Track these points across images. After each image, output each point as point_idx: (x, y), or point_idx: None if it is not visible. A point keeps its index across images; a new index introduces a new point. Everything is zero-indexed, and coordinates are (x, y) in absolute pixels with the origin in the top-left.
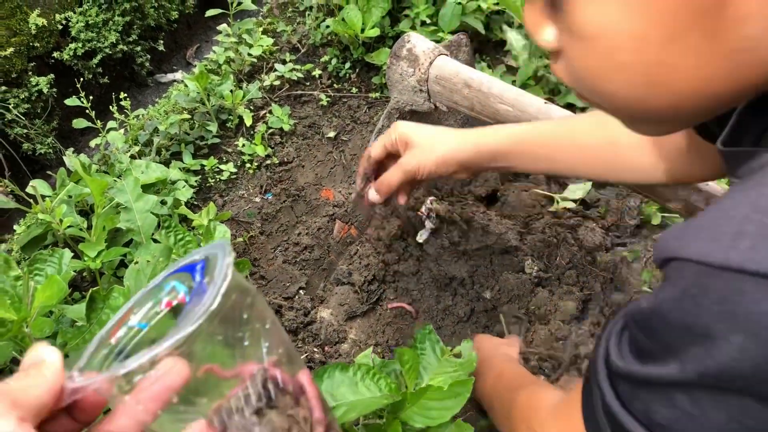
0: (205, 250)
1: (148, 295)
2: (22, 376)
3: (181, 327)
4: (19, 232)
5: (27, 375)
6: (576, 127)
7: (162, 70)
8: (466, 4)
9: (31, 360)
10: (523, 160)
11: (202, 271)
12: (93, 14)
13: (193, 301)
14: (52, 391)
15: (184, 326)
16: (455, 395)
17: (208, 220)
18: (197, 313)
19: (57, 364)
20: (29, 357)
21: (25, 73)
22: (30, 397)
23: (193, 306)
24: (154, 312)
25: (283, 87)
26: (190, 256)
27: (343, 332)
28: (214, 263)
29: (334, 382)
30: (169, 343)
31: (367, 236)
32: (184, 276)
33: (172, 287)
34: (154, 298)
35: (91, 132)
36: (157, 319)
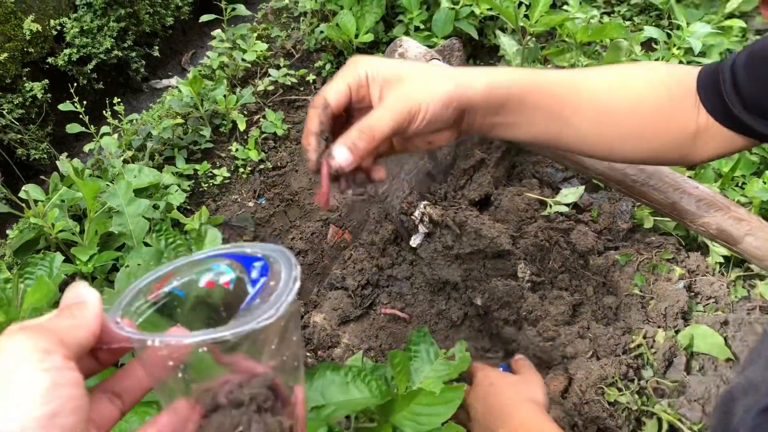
0: (261, 248)
1: (190, 265)
2: (66, 314)
3: (246, 319)
4: (11, 236)
5: (72, 315)
6: (598, 84)
7: (157, 76)
8: (460, 9)
9: (72, 299)
10: (533, 117)
11: (263, 270)
12: (88, 20)
13: (239, 289)
14: (93, 334)
15: (250, 320)
16: (446, 401)
17: (199, 223)
18: (268, 312)
19: (97, 307)
20: (70, 295)
21: (20, 79)
22: (75, 338)
23: (238, 296)
24: (194, 285)
25: (277, 92)
26: (239, 246)
27: (336, 337)
28: (276, 268)
29: (325, 381)
30: (237, 330)
31: (361, 241)
32: (232, 263)
33: (221, 270)
34: (196, 271)
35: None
36: (193, 291)
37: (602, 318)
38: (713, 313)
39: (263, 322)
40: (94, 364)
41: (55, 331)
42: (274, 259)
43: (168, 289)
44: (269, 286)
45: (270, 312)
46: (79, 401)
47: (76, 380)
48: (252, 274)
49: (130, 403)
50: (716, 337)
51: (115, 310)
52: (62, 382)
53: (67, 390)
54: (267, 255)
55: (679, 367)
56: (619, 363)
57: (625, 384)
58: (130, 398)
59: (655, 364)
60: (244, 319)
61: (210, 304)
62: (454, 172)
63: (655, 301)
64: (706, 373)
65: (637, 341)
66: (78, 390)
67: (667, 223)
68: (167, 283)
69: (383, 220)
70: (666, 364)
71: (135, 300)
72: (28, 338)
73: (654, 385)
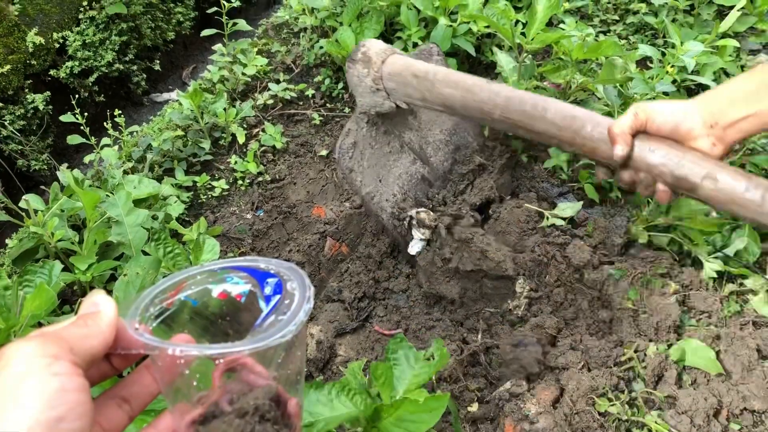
0: (276, 265)
1: (204, 275)
2: (80, 323)
3: (262, 336)
4: (11, 245)
5: (85, 324)
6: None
7: (158, 90)
8: (458, 26)
9: (88, 308)
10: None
11: (277, 287)
12: (90, 33)
13: (250, 303)
14: (105, 343)
15: (265, 337)
16: (430, 409)
17: (198, 234)
18: (283, 330)
19: (112, 316)
20: (87, 304)
21: (22, 91)
22: (85, 346)
23: (251, 309)
24: (207, 294)
25: (277, 106)
26: (253, 260)
27: (333, 348)
28: (290, 287)
29: (309, 400)
30: (254, 346)
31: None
32: (246, 277)
33: (235, 282)
34: (210, 281)
35: (85, 149)
36: (205, 301)
37: (596, 332)
38: (706, 328)
39: (278, 340)
40: (109, 368)
41: (66, 339)
42: (288, 277)
43: (182, 296)
44: (283, 304)
45: (284, 331)
46: (84, 406)
47: (82, 386)
48: (265, 289)
49: (138, 408)
50: (708, 351)
51: (132, 314)
52: (69, 387)
53: (74, 395)
54: (281, 272)
55: (669, 381)
56: (610, 374)
57: (616, 395)
58: (138, 403)
59: (645, 376)
60: (260, 336)
61: (220, 315)
62: (452, 177)
63: (648, 315)
64: (698, 387)
65: (628, 354)
66: (84, 395)
67: (662, 238)
68: (181, 291)
69: (380, 233)
70: (657, 377)
71: (150, 305)
72: (39, 344)
73: (645, 396)
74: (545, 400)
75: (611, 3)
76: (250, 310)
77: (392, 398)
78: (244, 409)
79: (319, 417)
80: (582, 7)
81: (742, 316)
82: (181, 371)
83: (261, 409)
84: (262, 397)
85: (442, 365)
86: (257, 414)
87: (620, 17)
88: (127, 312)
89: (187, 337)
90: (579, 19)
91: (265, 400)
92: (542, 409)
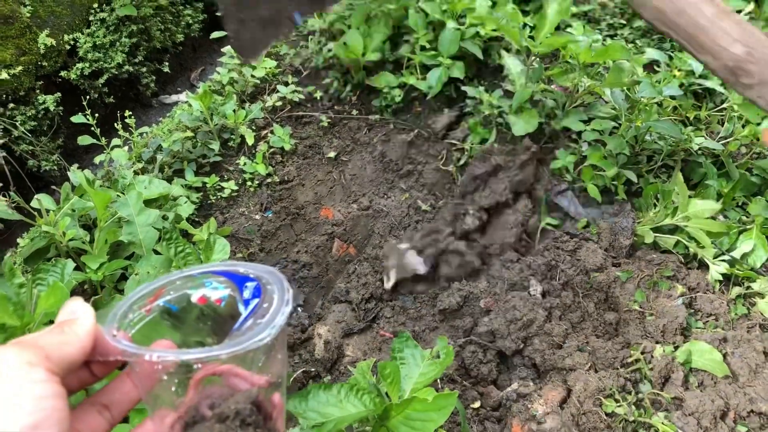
0: (254, 269)
1: (183, 280)
2: (57, 331)
3: (240, 340)
4: (22, 245)
5: (62, 331)
6: None
7: (166, 92)
8: (465, 29)
9: (66, 315)
10: None
11: (256, 291)
12: (100, 35)
13: (230, 307)
14: (82, 350)
15: (243, 340)
16: (439, 408)
17: (208, 234)
18: (261, 334)
19: (89, 324)
20: (64, 312)
21: (33, 92)
22: (62, 353)
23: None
24: (186, 300)
25: (285, 108)
26: (232, 264)
27: (340, 349)
28: (270, 290)
29: (319, 401)
30: (232, 350)
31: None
32: (225, 281)
33: (214, 287)
34: (189, 286)
35: (95, 150)
36: (185, 306)
37: (603, 333)
38: (712, 330)
39: (256, 344)
40: (89, 375)
41: (42, 347)
42: (266, 280)
43: (161, 302)
44: (262, 307)
45: (263, 334)
46: (60, 413)
47: (58, 393)
48: (244, 293)
49: (118, 415)
50: (715, 353)
51: (111, 321)
52: (45, 394)
53: (50, 402)
54: (260, 276)
55: (676, 382)
56: (617, 376)
57: (623, 396)
58: (119, 410)
59: (652, 378)
60: (238, 339)
61: (200, 319)
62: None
63: (654, 317)
64: (705, 389)
65: (635, 356)
66: (60, 402)
67: (668, 240)
68: (161, 297)
69: (387, 235)
70: (664, 378)
71: (129, 311)
72: (15, 352)
73: (652, 397)
74: (552, 400)
75: (618, 7)
76: (230, 314)
77: (400, 397)
78: (224, 413)
79: (329, 417)
80: (589, 11)
81: (749, 318)
82: (160, 377)
83: (242, 414)
84: (243, 401)
85: (448, 363)
86: (238, 418)
87: (627, 21)
88: (106, 319)
89: (168, 342)
90: (586, 23)
91: (246, 404)
92: (549, 410)
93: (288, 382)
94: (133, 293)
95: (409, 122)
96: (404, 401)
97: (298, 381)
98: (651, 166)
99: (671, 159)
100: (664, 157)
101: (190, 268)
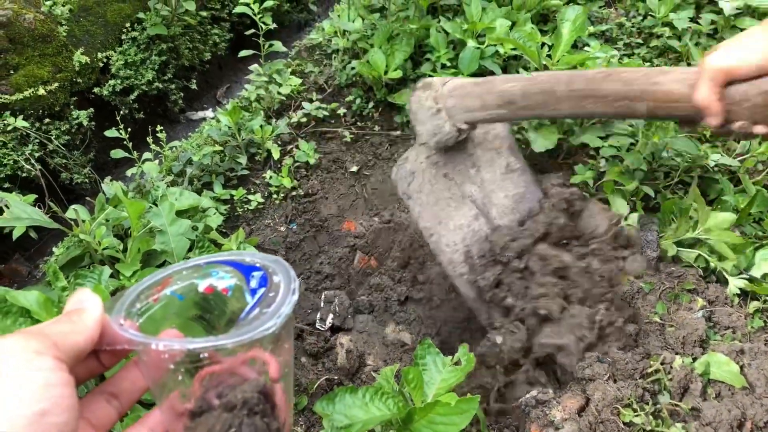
0: (261, 258)
1: (190, 270)
2: (64, 319)
3: (247, 329)
4: (57, 253)
5: (70, 320)
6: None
7: (193, 108)
8: (485, 48)
9: (73, 305)
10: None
11: (262, 280)
12: (132, 53)
13: (236, 296)
14: (90, 339)
15: (250, 329)
16: (461, 412)
17: (237, 243)
18: (267, 323)
19: (97, 313)
20: (72, 302)
21: (68, 107)
22: (69, 342)
23: (238, 303)
24: (193, 289)
25: (310, 124)
26: (239, 254)
27: (362, 358)
28: (276, 279)
29: (345, 404)
30: (238, 339)
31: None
32: (232, 271)
33: (220, 276)
34: (196, 276)
35: (124, 164)
36: (192, 295)
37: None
38: (730, 342)
39: (263, 333)
40: (97, 365)
41: (49, 335)
42: (273, 270)
43: (168, 291)
44: (268, 296)
45: (269, 323)
46: (68, 401)
47: (66, 381)
48: (251, 283)
49: (127, 404)
50: (732, 365)
51: (118, 311)
52: (52, 382)
53: (58, 390)
54: (266, 265)
55: (695, 393)
56: (635, 386)
57: (641, 406)
58: (128, 399)
59: (671, 389)
60: (245, 328)
61: (207, 309)
62: None
63: (675, 329)
64: (722, 399)
65: (654, 366)
66: (68, 390)
67: (690, 254)
68: (168, 286)
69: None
70: (682, 389)
71: (136, 301)
72: (22, 340)
73: (670, 408)
74: (571, 407)
75: (635, 27)
76: (237, 303)
77: (423, 401)
78: (231, 402)
79: (355, 420)
80: (606, 30)
81: (766, 332)
82: (167, 366)
83: (249, 403)
84: (250, 390)
85: (469, 369)
86: (245, 407)
87: (644, 41)
88: (113, 308)
89: (175, 332)
90: (603, 42)
91: (253, 393)
92: (567, 416)
93: (312, 389)
94: (140, 283)
95: None
96: (427, 405)
97: (321, 388)
98: (668, 182)
99: (688, 175)
100: (681, 174)
101: (197, 258)
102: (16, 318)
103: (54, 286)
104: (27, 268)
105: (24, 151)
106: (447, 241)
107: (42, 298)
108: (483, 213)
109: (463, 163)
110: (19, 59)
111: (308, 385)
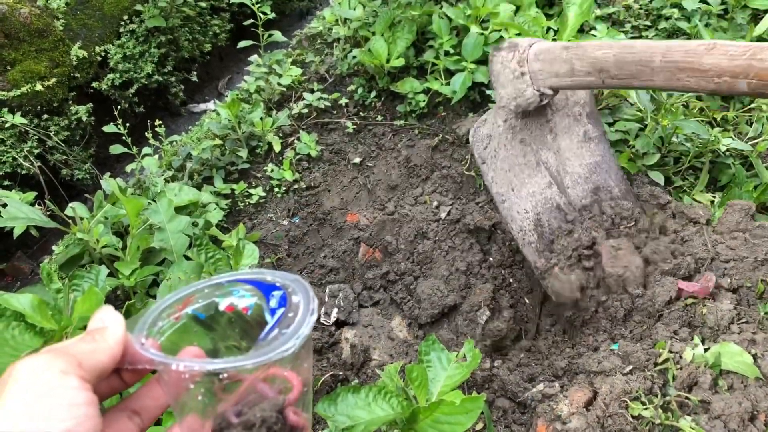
0: (281, 277)
1: (211, 288)
2: (88, 338)
3: (266, 350)
4: (57, 251)
5: (93, 339)
6: None
7: (194, 100)
8: (489, 34)
9: (96, 323)
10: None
11: (282, 300)
12: (130, 46)
13: (257, 315)
14: (112, 358)
15: (269, 351)
16: (467, 411)
17: (237, 239)
18: (286, 344)
19: (120, 332)
20: (95, 320)
21: (66, 103)
22: (93, 361)
23: (258, 321)
24: (214, 308)
25: (311, 115)
26: (259, 272)
27: (367, 352)
28: (295, 299)
29: (348, 404)
30: (258, 360)
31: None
32: (252, 290)
33: (241, 295)
34: (217, 294)
35: (126, 159)
36: (212, 314)
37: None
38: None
39: (281, 354)
40: (119, 382)
41: (74, 354)
42: (292, 290)
43: (189, 310)
44: (287, 317)
45: (288, 344)
46: (93, 420)
47: (90, 400)
48: (271, 302)
49: (148, 421)
50: (745, 355)
51: (140, 329)
52: (77, 401)
53: (83, 409)
54: (286, 285)
55: (704, 386)
56: (644, 378)
57: (650, 399)
58: (149, 416)
59: (680, 381)
60: (264, 349)
61: (229, 326)
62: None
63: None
64: (734, 391)
65: (663, 355)
66: (92, 409)
67: None
68: (189, 304)
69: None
70: (692, 381)
71: (158, 319)
72: (49, 360)
73: (679, 401)
74: (578, 401)
75: (643, 8)
76: (257, 322)
77: (428, 400)
78: (250, 421)
79: (358, 420)
80: (613, 13)
81: None
82: (187, 386)
83: (267, 422)
84: (269, 409)
85: (475, 366)
86: (264, 426)
87: (652, 23)
88: (135, 327)
89: (196, 350)
90: (611, 25)
91: (272, 412)
92: (575, 410)
93: (316, 385)
94: (162, 301)
95: (434, 127)
96: (432, 404)
97: (326, 384)
98: (678, 167)
99: (699, 161)
100: (692, 159)
101: (218, 275)
102: (9, 321)
103: (48, 288)
104: (30, 265)
105: (23, 148)
106: (518, 208)
107: (36, 300)
108: (556, 181)
109: (540, 128)
110: (15, 55)
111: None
